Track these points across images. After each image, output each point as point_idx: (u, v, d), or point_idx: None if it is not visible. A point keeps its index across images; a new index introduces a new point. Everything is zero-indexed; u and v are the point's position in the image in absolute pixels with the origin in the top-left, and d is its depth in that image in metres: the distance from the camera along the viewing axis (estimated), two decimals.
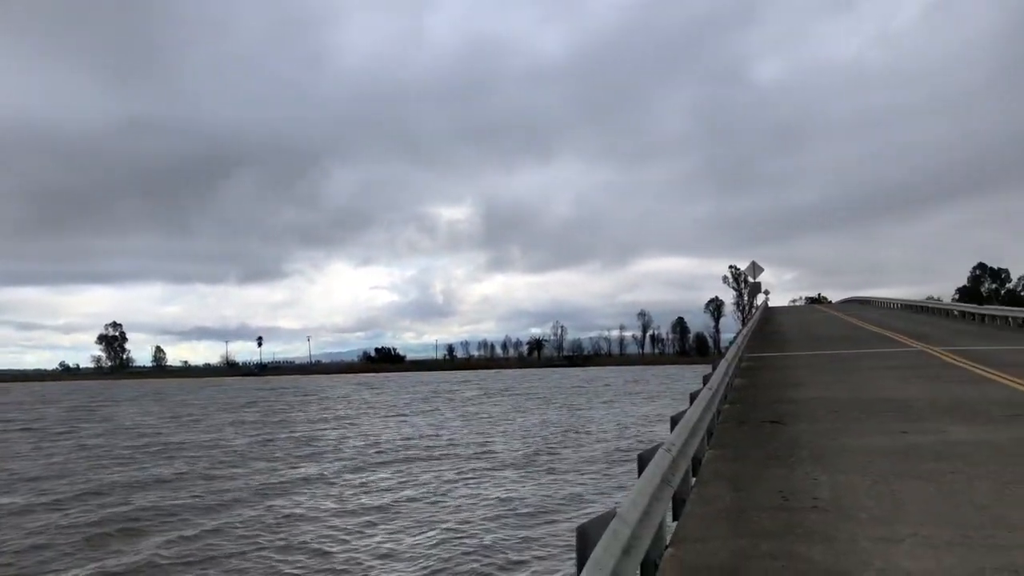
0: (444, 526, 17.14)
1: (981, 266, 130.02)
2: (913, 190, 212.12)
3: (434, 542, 15.79)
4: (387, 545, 15.80)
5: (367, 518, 18.26)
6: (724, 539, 5.97)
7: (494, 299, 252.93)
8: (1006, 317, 32.08)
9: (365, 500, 20.57)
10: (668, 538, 6.03)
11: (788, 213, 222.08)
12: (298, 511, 19.19)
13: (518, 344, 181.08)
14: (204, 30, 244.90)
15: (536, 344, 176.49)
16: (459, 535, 16.29)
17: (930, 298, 66.69)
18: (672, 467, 6.11)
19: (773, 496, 7.10)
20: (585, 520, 4.27)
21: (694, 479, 7.98)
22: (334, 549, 15.57)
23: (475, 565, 14.20)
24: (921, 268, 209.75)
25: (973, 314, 36.28)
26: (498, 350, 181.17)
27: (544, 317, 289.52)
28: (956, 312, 39.87)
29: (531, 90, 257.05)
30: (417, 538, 16.24)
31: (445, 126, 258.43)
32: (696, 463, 8.32)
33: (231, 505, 20.13)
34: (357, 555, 15.10)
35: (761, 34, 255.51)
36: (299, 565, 14.56)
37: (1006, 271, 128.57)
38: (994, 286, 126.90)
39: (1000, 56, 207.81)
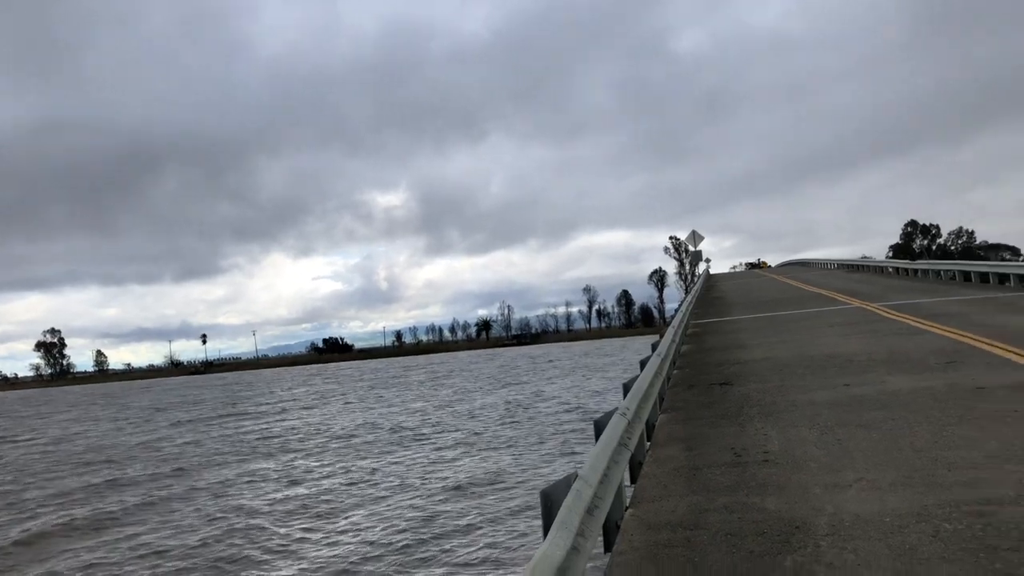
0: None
1: (912, 223, 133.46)
2: (841, 151, 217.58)
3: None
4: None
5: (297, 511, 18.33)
6: (681, 496, 6.14)
7: (438, 283, 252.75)
8: (938, 271, 33.22)
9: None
10: (627, 501, 6.19)
11: (722, 181, 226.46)
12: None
13: (466, 326, 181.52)
14: (110, 25, 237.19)
15: (484, 325, 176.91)
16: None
17: (865, 257, 68.41)
18: (628, 430, 6.26)
19: (726, 453, 7.31)
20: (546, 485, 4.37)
21: (648, 443, 8.17)
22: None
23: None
24: (854, 228, 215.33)
25: (907, 270, 37.41)
26: (446, 333, 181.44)
27: (490, 298, 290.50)
28: (890, 269, 41.06)
29: (456, 71, 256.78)
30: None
31: (372, 112, 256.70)
32: (649, 428, 8.51)
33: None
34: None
35: (679, 5, 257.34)
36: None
37: (937, 227, 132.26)
38: (925, 242, 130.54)
39: (914, 10, 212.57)
